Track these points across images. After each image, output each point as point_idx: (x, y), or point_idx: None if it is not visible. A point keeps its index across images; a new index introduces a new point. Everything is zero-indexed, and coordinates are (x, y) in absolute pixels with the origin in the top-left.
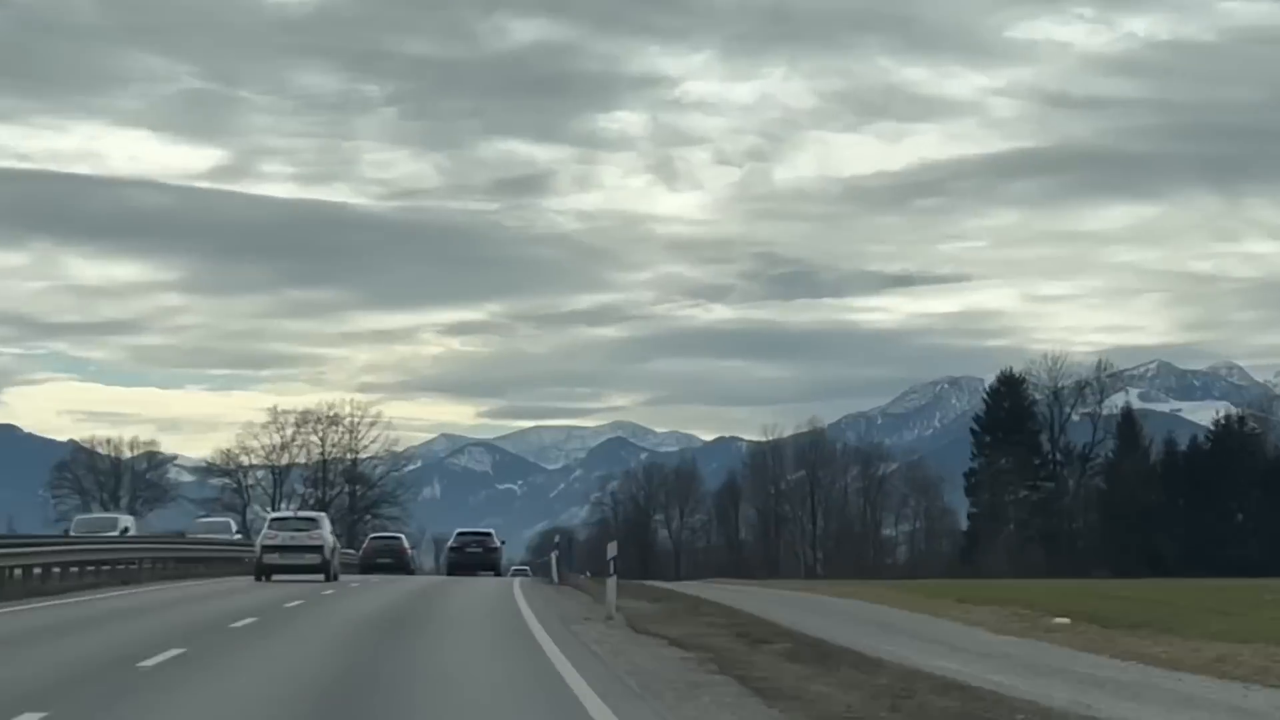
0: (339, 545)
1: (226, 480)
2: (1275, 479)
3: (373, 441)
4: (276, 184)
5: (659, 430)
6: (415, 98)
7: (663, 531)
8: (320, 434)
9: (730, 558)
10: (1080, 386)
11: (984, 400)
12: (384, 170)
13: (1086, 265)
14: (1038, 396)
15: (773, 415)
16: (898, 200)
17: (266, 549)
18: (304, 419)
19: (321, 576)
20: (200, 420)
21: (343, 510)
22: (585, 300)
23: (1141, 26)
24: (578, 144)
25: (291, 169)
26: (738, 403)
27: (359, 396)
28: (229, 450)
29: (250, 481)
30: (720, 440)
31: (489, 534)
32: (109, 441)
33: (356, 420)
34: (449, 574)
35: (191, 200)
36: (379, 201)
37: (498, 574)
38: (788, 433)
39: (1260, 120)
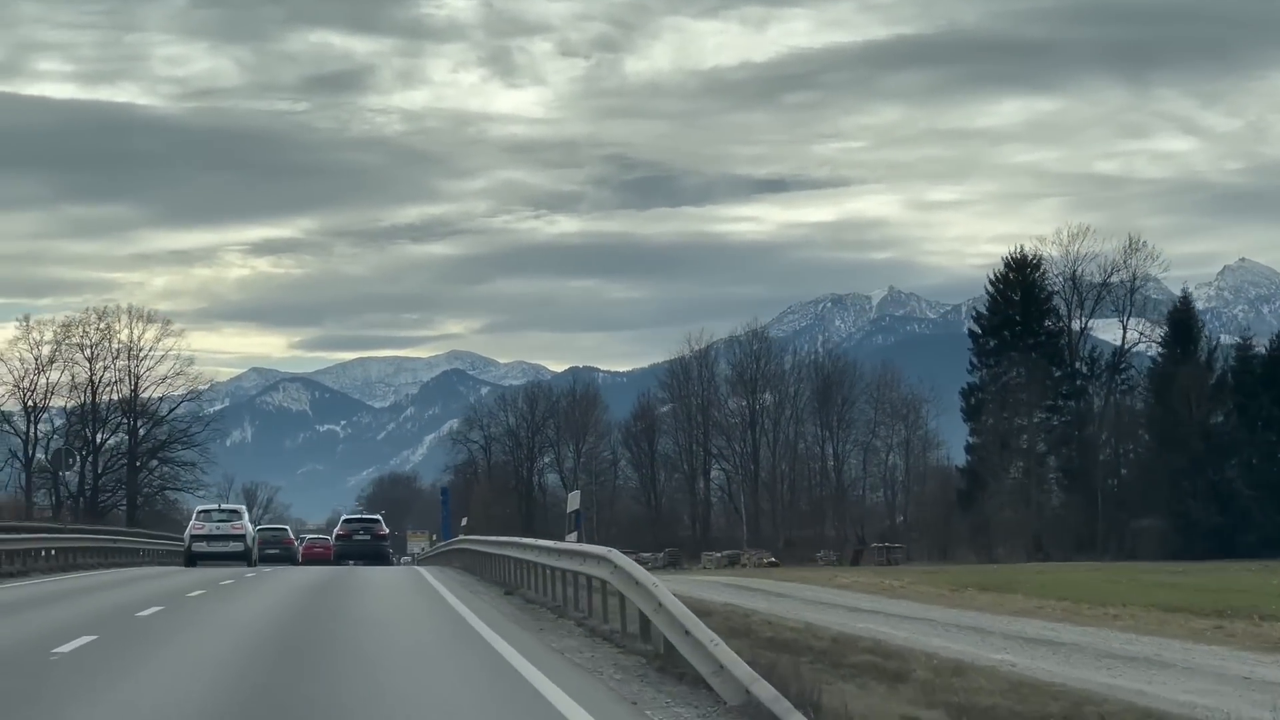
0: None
1: None
2: None
3: (170, 374)
4: (52, 83)
5: (502, 361)
6: None
7: (551, 476)
8: (89, 352)
9: (648, 514)
10: (1106, 274)
11: (987, 290)
12: (177, 67)
13: (978, 167)
14: (1055, 286)
15: (629, 343)
16: (766, 95)
17: (195, 538)
18: (66, 332)
19: (244, 563)
20: None
21: (118, 454)
22: (411, 213)
23: None
24: (401, 34)
25: (70, 66)
26: (590, 328)
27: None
28: None
29: None
30: (573, 370)
31: (377, 520)
32: None
33: (138, 336)
34: (336, 561)
35: None
36: (172, 103)
37: (386, 563)
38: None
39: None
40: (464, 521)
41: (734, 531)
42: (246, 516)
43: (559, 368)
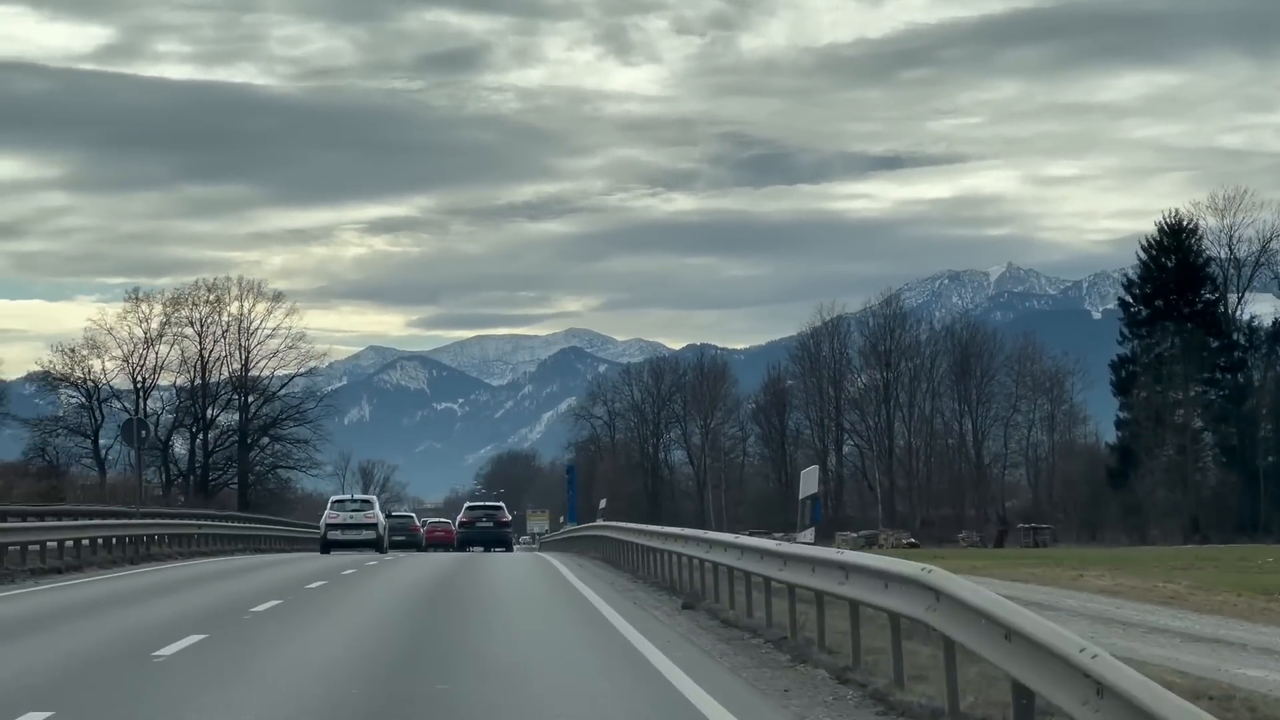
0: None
1: (73, 393)
2: None
3: (281, 348)
4: (171, 65)
5: (619, 339)
6: None
7: (678, 453)
8: (198, 326)
9: (778, 493)
10: (1265, 240)
11: (1139, 257)
12: (294, 47)
13: (1098, 142)
14: (1213, 252)
15: (747, 320)
16: (881, 71)
17: (330, 527)
18: (175, 305)
19: (376, 550)
20: None
21: (228, 432)
22: (527, 191)
23: None
24: (516, 12)
25: (188, 48)
26: (706, 305)
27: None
28: (74, 350)
29: (105, 394)
30: (690, 347)
31: (499, 507)
32: None
33: (248, 310)
34: (459, 548)
35: (75, 85)
36: (289, 82)
37: (508, 549)
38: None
39: None
40: (602, 504)
41: (867, 510)
42: (377, 506)
43: (677, 345)
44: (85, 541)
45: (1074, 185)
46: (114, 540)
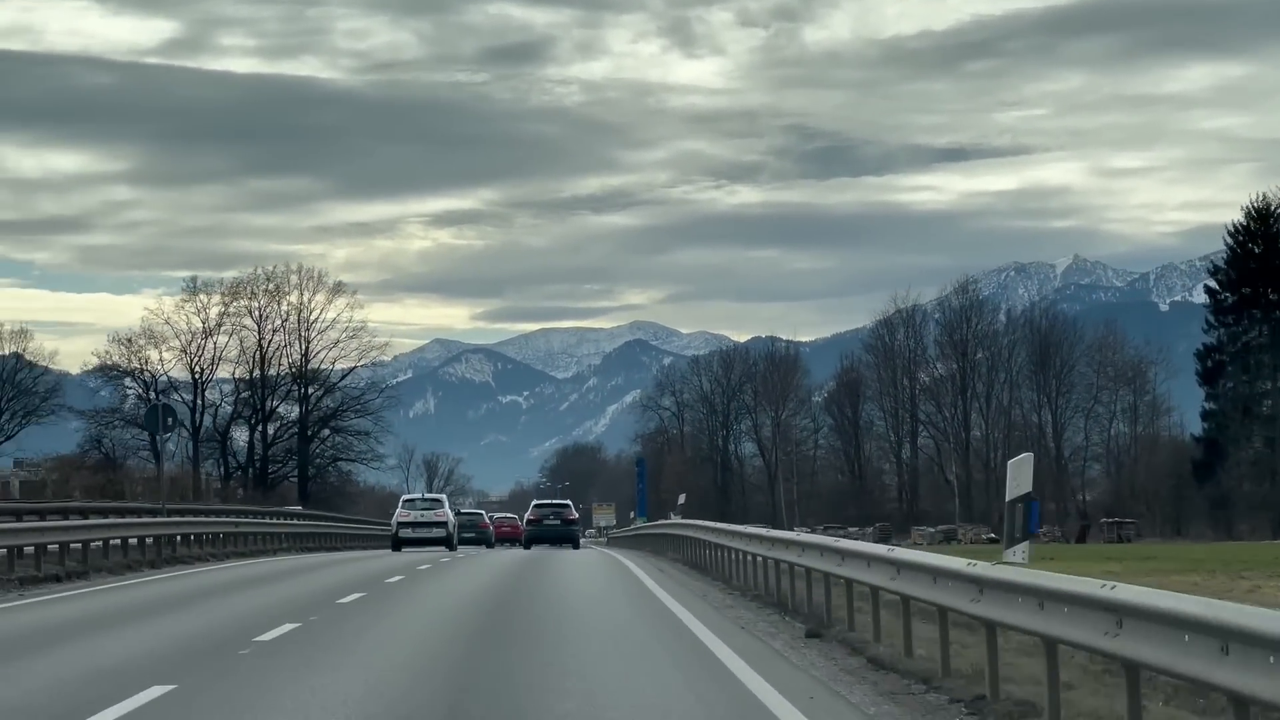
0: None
1: (129, 383)
2: None
3: (341, 338)
4: (236, 59)
5: (684, 331)
6: None
7: (748, 445)
8: (257, 315)
9: (851, 485)
10: None
11: (1226, 243)
12: (358, 40)
13: (1164, 133)
14: None
15: (813, 312)
16: (946, 63)
17: (402, 525)
18: (234, 294)
19: (446, 547)
20: None
21: (287, 424)
22: (592, 184)
23: None
24: (580, 5)
25: (253, 41)
26: (771, 298)
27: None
28: (130, 340)
29: (163, 385)
30: (756, 340)
31: (566, 505)
32: None
33: (308, 299)
34: (526, 546)
35: (140, 79)
36: (353, 76)
37: (575, 547)
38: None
39: None
40: (681, 500)
41: (943, 504)
42: (447, 504)
43: (742, 337)
44: (97, 544)
45: (1140, 177)
46: (136, 541)
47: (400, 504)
